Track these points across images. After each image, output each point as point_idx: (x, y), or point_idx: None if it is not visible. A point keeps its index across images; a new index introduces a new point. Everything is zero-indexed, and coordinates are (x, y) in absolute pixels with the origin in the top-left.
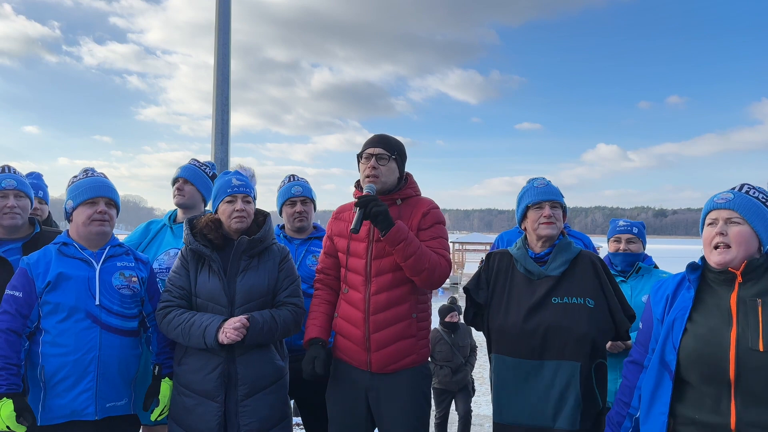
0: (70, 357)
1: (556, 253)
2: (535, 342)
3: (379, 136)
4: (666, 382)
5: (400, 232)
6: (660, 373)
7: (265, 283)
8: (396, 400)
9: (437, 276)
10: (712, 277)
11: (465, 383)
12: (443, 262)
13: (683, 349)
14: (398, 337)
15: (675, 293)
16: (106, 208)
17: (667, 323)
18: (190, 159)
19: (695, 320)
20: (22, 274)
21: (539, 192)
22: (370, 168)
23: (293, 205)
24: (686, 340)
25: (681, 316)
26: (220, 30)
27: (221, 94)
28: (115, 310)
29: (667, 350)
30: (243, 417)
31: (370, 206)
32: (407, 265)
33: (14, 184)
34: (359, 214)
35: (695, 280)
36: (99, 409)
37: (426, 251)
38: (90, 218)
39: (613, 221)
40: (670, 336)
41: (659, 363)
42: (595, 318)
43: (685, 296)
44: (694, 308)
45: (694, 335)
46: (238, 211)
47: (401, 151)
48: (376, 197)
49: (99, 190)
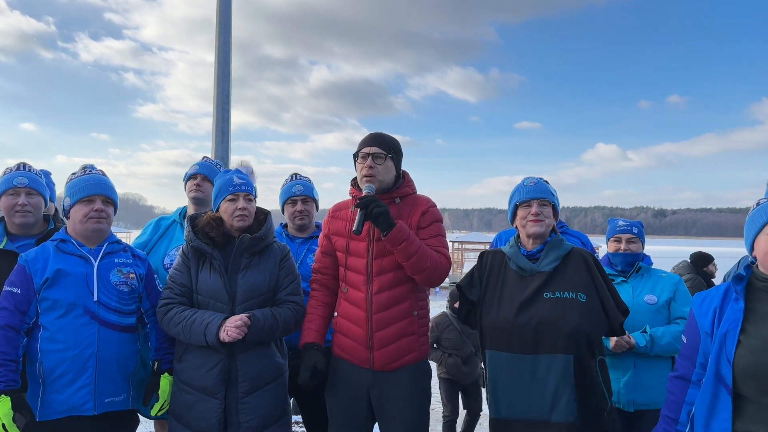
0: (69, 353)
1: (548, 250)
2: (528, 336)
3: (374, 135)
4: (724, 397)
5: (402, 232)
6: (716, 388)
7: (266, 281)
8: (398, 397)
9: (438, 274)
10: (762, 286)
11: (476, 377)
12: (443, 260)
13: (738, 362)
14: (400, 334)
15: (723, 305)
16: (102, 206)
17: (719, 337)
18: (204, 157)
19: (748, 332)
20: (20, 271)
21: (528, 190)
22: (366, 168)
23: (294, 204)
24: (741, 352)
25: (733, 328)
26: (221, 27)
27: (222, 92)
28: (112, 307)
29: (722, 364)
30: (243, 414)
31: (371, 207)
32: (409, 264)
33: (26, 182)
34: (360, 215)
35: (742, 290)
36: (98, 405)
37: (427, 250)
38: (86, 216)
39: (611, 221)
40: (723, 350)
41: (714, 378)
42: (588, 312)
43: (734, 308)
44: (746, 319)
45: (749, 347)
46: (240, 209)
47: (397, 149)
48: (376, 198)
49: (95, 188)
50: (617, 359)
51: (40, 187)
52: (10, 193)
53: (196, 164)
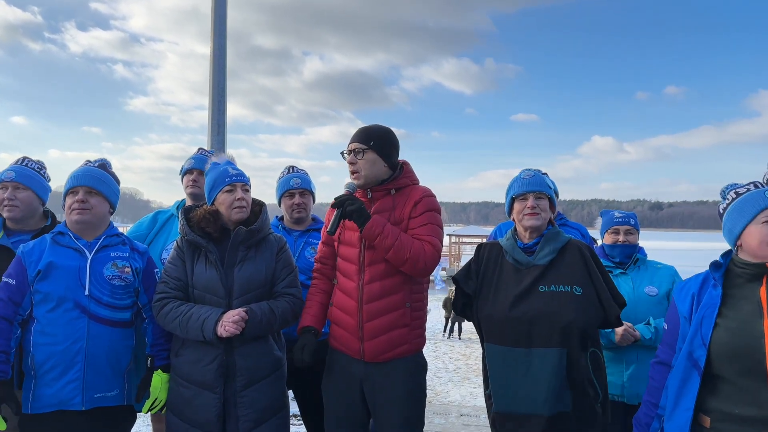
0: (58, 347)
1: (544, 243)
2: (522, 330)
3: (357, 130)
4: (693, 378)
5: (374, 227)
6: (687, 370)
7: (263, 274)
8: (390, 390)
9: (422, 264)
10: (741, 272)
11: None
12: (427, 248)
13: (715, 343)
14: (391, 326)
15: (701, 291)
16: (84, 196)
17: (696, 321)
18: (199, 149)
19: (725, 315)
20: (16, 262)
21: (524, 183)
22: (349, 165)
23: (291, 197)
24: (718, 334)
25: (710, 314)
26: (217, 19)
27: (217, 85)
28: (105, 301)
29: (695, 347)
30: (241, 407)
31: (345, 205)
32: (389, 256)
33: (13, 176)
34: (337, 214)
35: (720, 277)
36: (86, 400)
37: (406, 241)
38: (70, 207)
39: (606, 213)
40: (699, 332)
41: (686, 360)
42: (583, 305)
43: (712, 294)
44: (723, 304)
45: (726, 329)
46: (239, 200)
47: (381, 139)
48: (351, 195)
49: (78, 179)
50: (620, 352)
51: (29, 181)
52: (0, 188)
53: (191, 158)
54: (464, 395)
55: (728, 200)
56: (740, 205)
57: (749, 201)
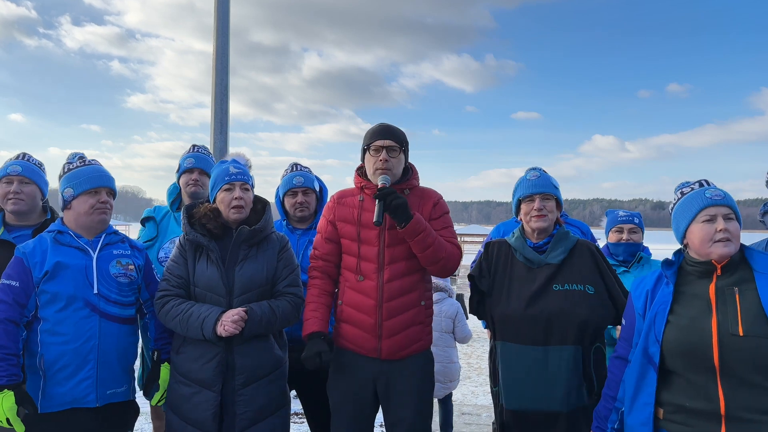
0: (70, 345)
1: (555, 243)
2: (539, 328)
3: (385, 127)
4: (650, 374)
5: (419, 224)
6: (643, 366)
7: (264, 273)
8: (404, 384)
9: (452, 264)
10: (691, 270)
11: None
12: (456, 251)
13: (667, 340)
14: (409, 323)
15: (654, 289)
16: (108, 197)
17: (649, 318)
18: (193, 146)
19: (677, 312)
20: (18, 263)
21: (530, 185)
22: (382, 161)
23: (294, 195)
24: (669, 331)
25: (662, 310)
26: (220, 18)
27: (220, 83)
28: (112, 299)
29: (650, 343)
30: (239, 405)
31: (390, 199)
32: (425, 255)
33: (19, 170)
34: (380, 206)
35: (672, 275)
36: (100, 397)
37: (442, 241)
38: (93, 207)
39: (610, 212)
40: (653, 329)
41: (642, 356)
42: (595, 304)
43: (664, 291)
44: (675, 301)
45: (677, 326)
46: (237, 199)
47: (407, 143)
48: (394, 190)
49: (101, 180)
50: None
51: (34, 176)
52: (5, 182)
53: (190, 156)
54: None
55: (675, 200)
56: (683, 204)
57: (691, 201)
